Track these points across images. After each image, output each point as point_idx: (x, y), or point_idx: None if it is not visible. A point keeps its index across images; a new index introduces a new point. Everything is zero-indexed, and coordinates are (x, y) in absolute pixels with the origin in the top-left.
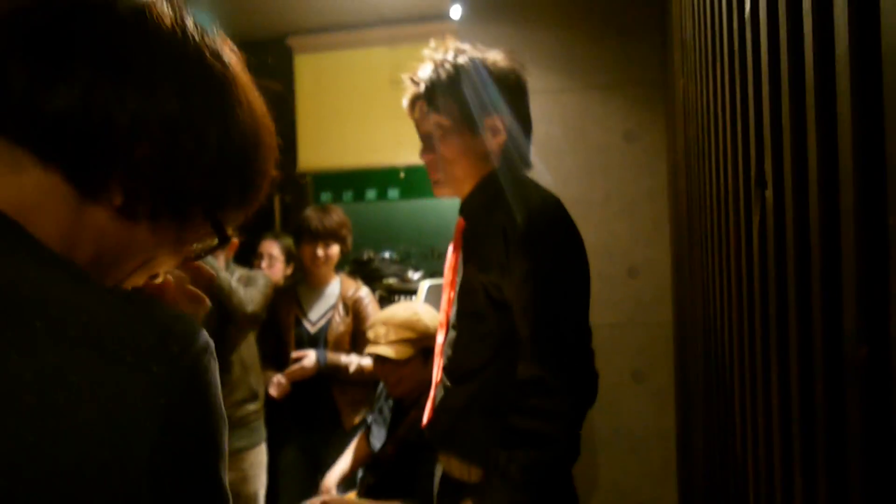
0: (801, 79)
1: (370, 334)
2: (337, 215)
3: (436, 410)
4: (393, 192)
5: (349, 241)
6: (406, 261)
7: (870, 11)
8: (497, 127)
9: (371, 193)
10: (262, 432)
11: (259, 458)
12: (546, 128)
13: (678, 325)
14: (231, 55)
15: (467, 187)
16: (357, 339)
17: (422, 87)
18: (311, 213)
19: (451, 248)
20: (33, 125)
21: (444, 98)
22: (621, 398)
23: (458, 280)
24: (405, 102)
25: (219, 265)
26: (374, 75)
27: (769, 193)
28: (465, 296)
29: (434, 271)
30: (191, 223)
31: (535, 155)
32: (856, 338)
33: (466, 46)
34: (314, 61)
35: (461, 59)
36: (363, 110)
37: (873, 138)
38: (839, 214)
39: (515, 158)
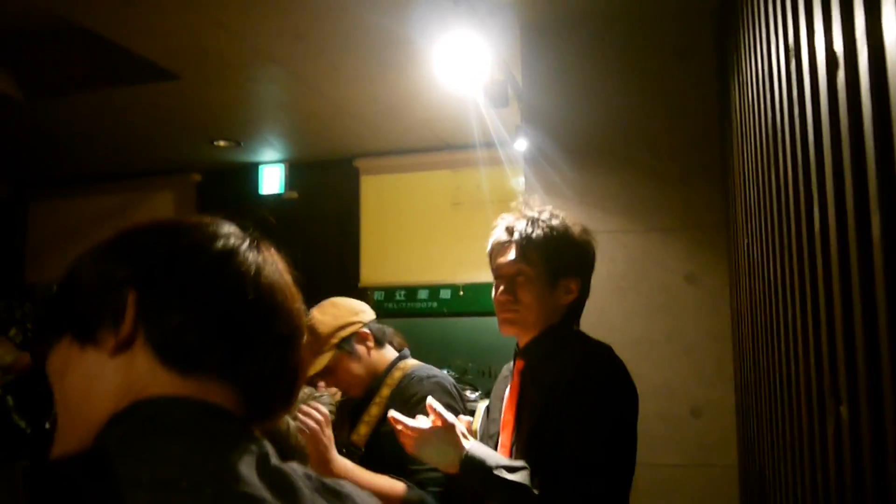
0: (873, 302)
1: None
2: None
3: None
4: (450, 307)
5: None
6: (463, 377)
7: None
8: (571, 288)
9: (428, 305)
10: None
11: None
12: (608, 267)
13: (743, 471)
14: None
15: (532, 332)
16: None
17: (515, 238)
18: None
19: (507, 391)
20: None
21: (534, 252)
22: None
23: (518, 427)
24: (490, 246)
25: None
26: (436, 197)
27: (844, 409)
28: (525, 443)
29: (489, 389)
30: None
31: (597, 292)
32: None
33: (557, 211)
34: (379, 182)
35: (554, 222)
36: (425, 229)
37: None
38: None
39: (573, 316)
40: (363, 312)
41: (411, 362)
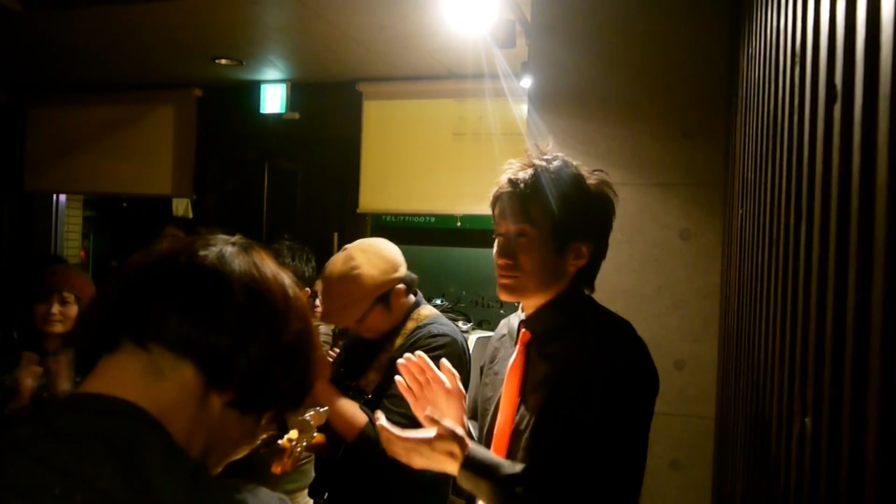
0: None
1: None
2: None
3: None
4: (447, 236)
5: None
6: (456, 306)
7: None
8: (582, 252)
9: (426, 220)
10: (311, 475)
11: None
12: None
13: (720, 424)
14: (298, 296)
15: (537, 299)
16: None
17: (517, 190)
18: None
19: (509, 362)
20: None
21: (539, 210)
22: (658, 485)
23: (522, 406)
24: (492, 197)
25: None
26: (438, 126)
27: (808, 421)
28: (531, 424)
29: (482, 320)
30: (265, 418)
31: None
32: None
33: (570, 160)
34: (381, 108)
35: (564, 174)
36: (426, 158)
37: None
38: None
39: (583, 282)
40: (402, 265)
41: (424, 312)
